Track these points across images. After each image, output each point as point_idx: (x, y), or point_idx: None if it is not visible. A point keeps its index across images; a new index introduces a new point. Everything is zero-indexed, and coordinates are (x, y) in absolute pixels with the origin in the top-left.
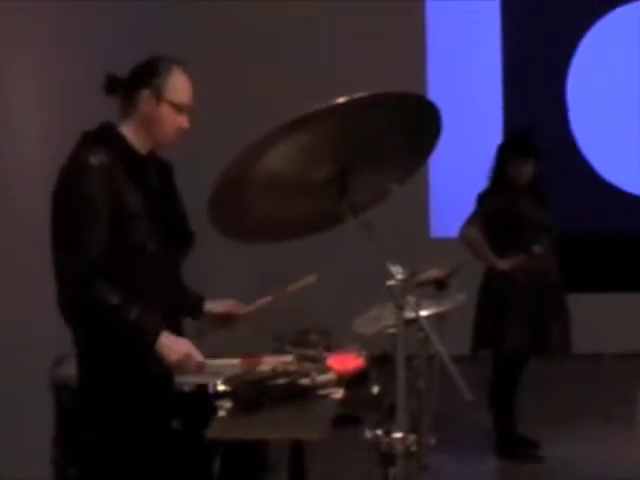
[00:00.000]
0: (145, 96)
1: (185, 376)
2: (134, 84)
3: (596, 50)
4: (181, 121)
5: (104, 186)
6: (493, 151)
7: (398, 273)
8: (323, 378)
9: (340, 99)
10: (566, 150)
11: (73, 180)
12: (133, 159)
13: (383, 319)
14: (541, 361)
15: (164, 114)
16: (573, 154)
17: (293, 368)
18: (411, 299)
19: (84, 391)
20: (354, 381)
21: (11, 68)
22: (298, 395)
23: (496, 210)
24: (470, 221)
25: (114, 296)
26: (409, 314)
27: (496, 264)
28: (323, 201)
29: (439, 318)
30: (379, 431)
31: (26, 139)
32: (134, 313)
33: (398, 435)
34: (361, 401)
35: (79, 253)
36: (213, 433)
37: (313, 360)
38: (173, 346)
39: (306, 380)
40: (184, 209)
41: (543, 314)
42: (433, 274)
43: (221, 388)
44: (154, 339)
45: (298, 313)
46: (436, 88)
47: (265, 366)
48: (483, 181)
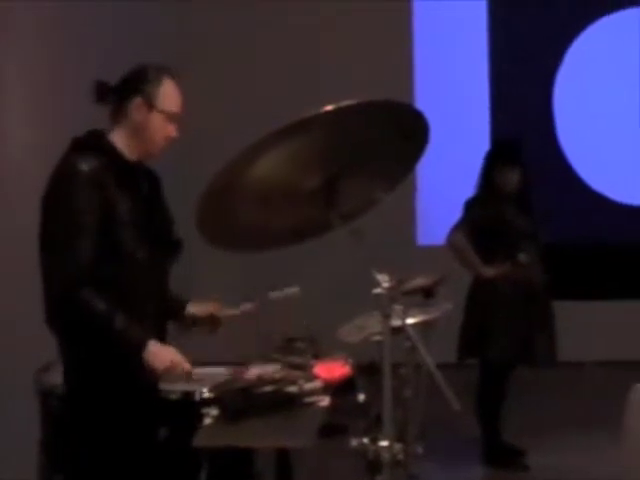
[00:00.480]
0: (136, 104)
1: (171, 384)
2: (125, 92)
3: (583, 58)
4: (170, 130)
5: (94, 193)
6: (480, 159)
7: (384, 281)
8: (310, 386)
9: (327, 107)
10: (553, 158)
11: (63, 186)
12: (123, 166)
13: (369, 327)
14: (525, 369)
15: (155, 123)
16: (560, 162)
17: (279, 376)
18: (397, 308)
19: (70, 398)
20: (341, 389)
21: (2, 73)
22: (285, 403)
23: (483, 218)
24: (457, 228)
25: (101, 304)
26: (396, 322)
27: (482, 271)
28: (311, 209)
29: (426, 326)
30: (365, 439)
31: (17, 145)
32: (121, 321)
33: (384, 443)
34: (348, 409)
35: (68, 260)
36: (200, 441)
37: (300, 368)
38: (160, 354)
39: (293, 388)
40: (172, 217)
41: (529, 323)
42: (420, 282)
43: (207, 396)
44: (141, 347)
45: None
46: (423, 97)
47: (252, 373)
48: (470, 189)
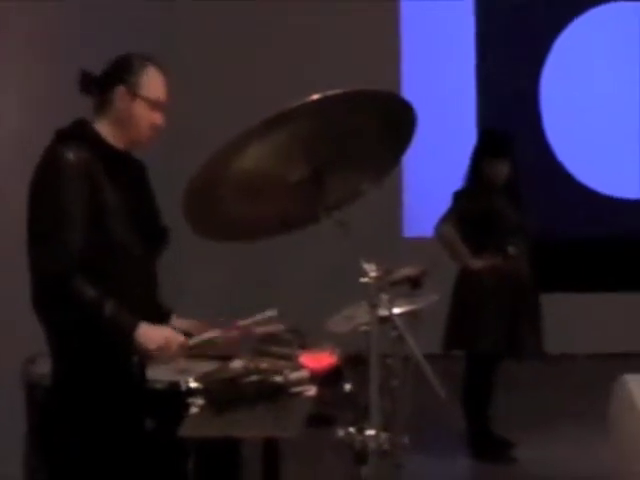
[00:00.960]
0: (120, 93)
1: (157, 371)
2: (108, 81)
3: (570, 51)
4: (156, 118)
5: (82, 182)
6: (467, 151)
7: (372, 271)
8: (296, 376)
9: (314, 96)
10: (539, 151)
11: (50, 176)
12: (110, 155)
13: (357, 318)
14: (514, 362)
15: (139, 111)
16: (546, 155)
17: (266, 366)
18: (384, 297)
19: (57, 389)
20: (328, 379)
21: None
22: (271, 393)
23: (472, 209)
24: (445, 219)
25: (91, 291)
26: (383, 312)
27: (470, 263)
28: (298, 200)
29: (412, 316)
30: (352, 428)
31: (5, 136)
32: (111, 307)
33: (371, 432)
34: (335, 400)
35: (57, 249)
36: (186, 431)
37: (286, 358)
38: (152, 334)
39: (279, 378)
40: (158, 207)
41: (516, 315)
42: (407, 272)
43: (193, 386)
44: (132, 330)
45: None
46: (410, 88)
47: (237, 363)
48: (456, 181)
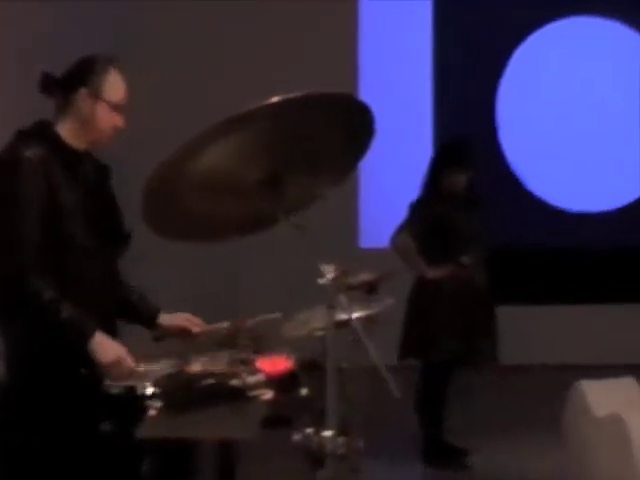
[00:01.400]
0: (82, 95)
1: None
2: (71, 83)
3: (528, 63)
4: (117, 120)
5: (39, 180)
6: (423, 161)
7: (329, 272)
8: (253, 379)
9: (273, 99)
10: (495, 162)
11: (7, 174)
12: (69, 156)
13: (312, 322)
14: (470, 371)
15: (101, 113)
16: (502, 166)
17: (223, 369)
18: (343, 298)
19: (13, 392)
20: (284, 383)
21: None
22: (228, 396)
23: (428, 219)
24: (402, 229)
25: (48, 292)
26: (339, 316)
27: (426, 272)
28: (257, 202)
29: (369, 321)
30: (309, 430)
31: None
32: (68, 309)
33: (327, 434)
34: (291, 404)
35: (13, 247)
36: (143, 433)
37: (242, 362)
38: (107, 347)
39: (236, 381)
40: (119, 209)
41: (471, 324)
42: (364, 277)
43: (151, 390)
44: (88, 336)
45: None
46: (366, 98)
47: (195, 366)
48: (413, 191)
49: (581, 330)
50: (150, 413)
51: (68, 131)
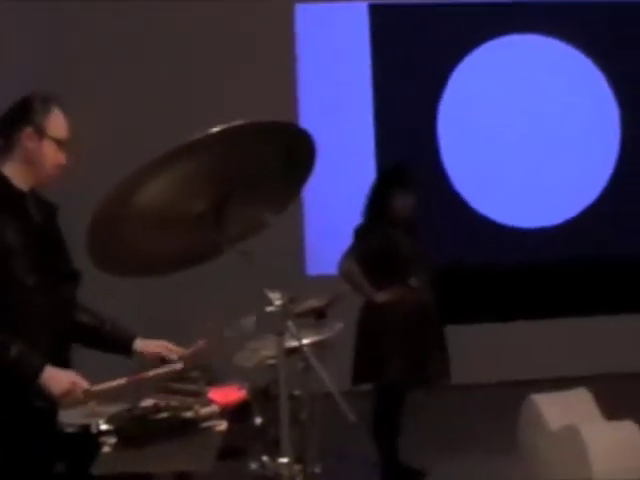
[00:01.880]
0: (27, 133)
1: (68, 414)
2: (14, 123)
3: (467, 82)
4: (61, 158)
5: None
6: (365, 187)
7: (276, 299)
8: (206, 411)
9: (213, 129)
10: (438, 182)
11: None
12: (13, 196)
13: (262, 351)
14: (422, 392)
15: (47, 150)
16: (445, 186)
17: (176, 402)
18: (291, 325)
19: None
20: (237, 413)
21: None
22: (182, 428)
23: (373, 244)
24: (348, 254)
25: None
26: (289, 343)
27: (374, 297)
28: (201, 233)
29: (319, 347)
30: (265, 457)
31: None
32: (15, 349)
33: (284, 460)
34: (245, 434)
35: None
36: (98, 469)
37: (194, 395)
38: (57, 378)
39: (189, 413)
40: (66, 247)
41: (421, 345)
42: (312, 304)
43: (104, 427)
44: (37, 373)
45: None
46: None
47: (147, 402)
48: (356, 217)
49: (529, 346)
50: (105, 449)
51: (13, 172)
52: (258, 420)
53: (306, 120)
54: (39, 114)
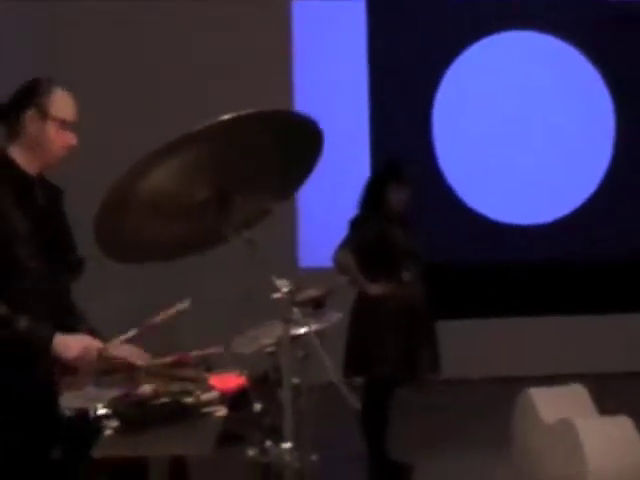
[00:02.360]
0: (30, 116)
1: (67, 399)
2: (17, 106)
3: (462, 78)
4: (68, 138)
5: None
6: (360, 181)
7: (284, 286)
8: (207, 396)
9: (220, 118)
10: (432, 178)
11: None
12: (20, 181)
13: (261, 338)
14: (413, 387)
15: (50, 132)
16: (439, 181)
17: (176, 388)
18: (297, 312)
19: None
20: (236, 400)
21: None
22: (182, 413)
23: (368, 237)
24: (342, 246)
25: (1, 308)
26: (292, 331)
27: (367, 289)
28: (204, 220)
29: (317, 336)
30: (266, 443)
31: None
32: (24, 322)
33: (284, 447)
34: (244, 420)
35: None
36: (99, 453)
37: (194, 381)
38: (69, 343)
39: (190, 399)
40: (71, 233)
41: (412, 339)
42: (310, 294)
43: (103, 411)
44: (48, 342)
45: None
46: None
47: (147, 387)
48: (350, 210)
49: (521, 342)
50: (106, 433)
51: (20, 156)
52: (257, 407)
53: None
54: (42, 96)
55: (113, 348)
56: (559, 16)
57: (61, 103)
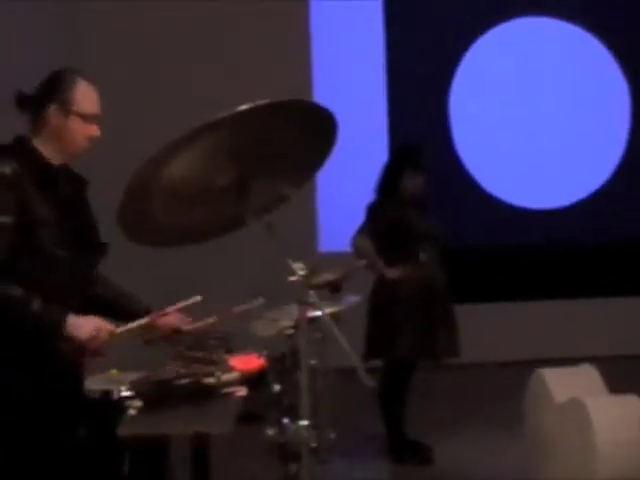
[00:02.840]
0: (53, 111)
1: (92, 381)
2: (41, 100)
3: (479, 64)
4: (92, 130)
5: (11, 194)
6: (378, 166)
7: (300, 269)
8: (227, 377)
9: (240, 107)
10: (450, 162)
11: None
12: (44, 169)
13: (281, 321)
14: (431, 369)
15: (73, 126)
16: (457, 168)
17: (197, 369)
18: (313, 294)
19: None
20: (256, 381)
21: None
22: (203, 393)
23: (386, 221)
24: (360, 231)
25: (16, 291)
26: (310, 313)
27: (385, 272)
28: (225, 206)
29: (334, 319)
30: (284, 421)
31: None
32: (38, 303)
33: (301, 425)
34: (263, 400)
35: None
36: (124, 431)
37: (214, 363)
38: (82, 323)
39: (211, 379)
40: (95, 220)
41: (430, 321)
42: (327, 277)
43: (125, 393)
44: (61, 322)
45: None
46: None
47: (169, 369)
48: (369, 195)
49: (539, 325)
50: (130, 412)
51: (44, 146)
52: (276, 387)
53: (320, 99)
54: (65, 91)
55: (123, 330)
56: (573, 1)
57: (84, 98)
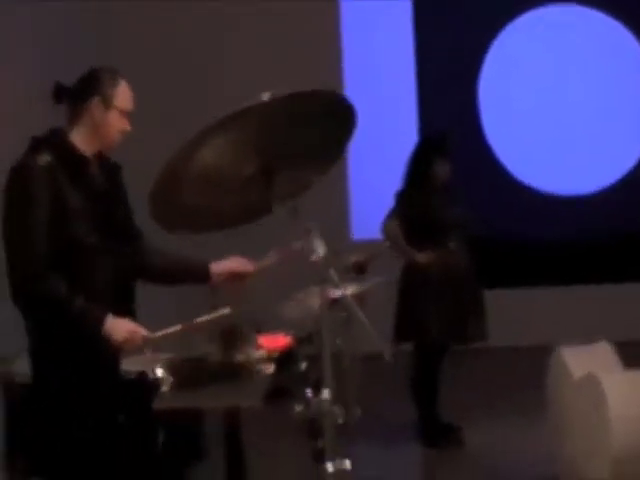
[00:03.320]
0: (95, 103)
1: (127, 362)
2: (82, 93)
3: (507, 52)
4: (125, 124)
5: (46, 185)
6: (408, 155)
7: (321, 248)
8: (256, 355)
9: (265, 97)
10: (479, 151)
11: (18, 181)
12: (77, 161)
13: (309, 302)
14: (461, 353)
15: (111, 120)
16: (486, 155)
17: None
18: (333, 273)
19: (36, 386)
20: (283, 359)
21: None
22: (233, 370)
23: (414, 208)
24: (390, 216)
25: (59, 288)
26: (333, 293)
27: (415, 257)
28: (251, 193)
29: (359, 300)
30: (309, 394)
31: None
32: (80, 302)
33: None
34: (290, 377)
35: (24, 251)
36: (159, 405)
37: (245, 340)
38: (118, 326)
39: (240, 356)
40: (129, 208)
41: (459, 306)
42: (354, 258)
43: (160, 373)
44: (100, 323)
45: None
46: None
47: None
48: (400, 182)
49: (566, 310)
50: (163, 389)
51: (80, 137)
52: (303, 365)
53: (351, 89)
54: (107, 86)
55: (156, 336)
56: None
57: (124, 95)
